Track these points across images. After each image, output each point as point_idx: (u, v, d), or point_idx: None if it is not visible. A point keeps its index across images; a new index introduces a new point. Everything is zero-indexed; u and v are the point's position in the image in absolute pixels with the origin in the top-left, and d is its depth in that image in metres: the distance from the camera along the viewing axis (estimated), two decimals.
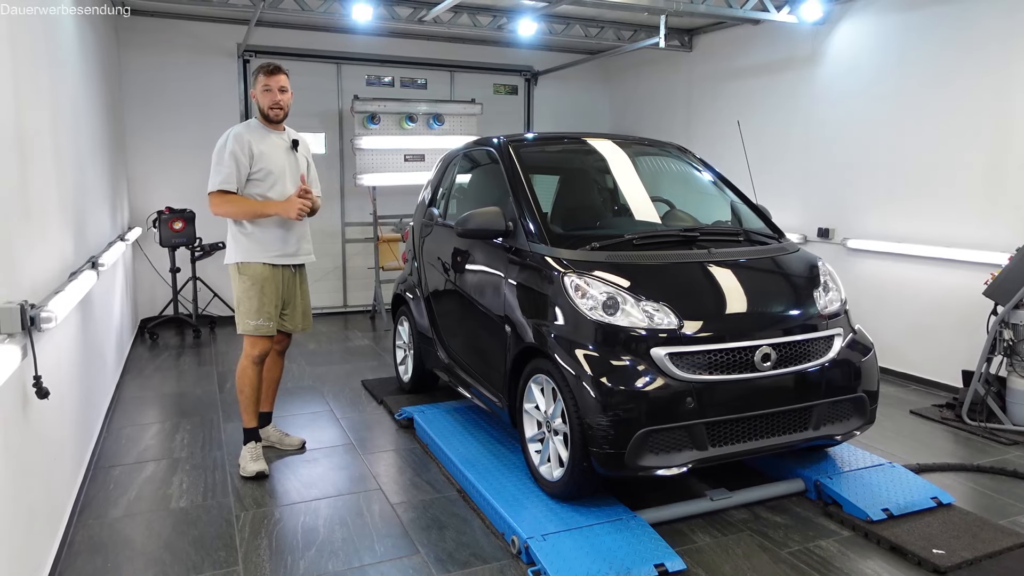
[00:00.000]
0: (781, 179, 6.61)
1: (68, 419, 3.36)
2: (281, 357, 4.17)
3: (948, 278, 5.22)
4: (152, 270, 7.30)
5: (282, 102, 3.79)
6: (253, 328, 3.79)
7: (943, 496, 3.40)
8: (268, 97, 3.75)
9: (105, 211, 5.32)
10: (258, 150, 3.74)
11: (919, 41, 5.37)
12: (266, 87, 3.75)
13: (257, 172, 3.74)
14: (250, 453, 3.85)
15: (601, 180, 4.36)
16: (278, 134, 3.87)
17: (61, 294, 2.91)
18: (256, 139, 3.74)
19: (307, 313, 4.10)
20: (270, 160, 3.77)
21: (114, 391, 5.10)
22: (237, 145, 3.68)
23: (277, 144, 3.83)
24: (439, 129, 7.69)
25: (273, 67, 3.77)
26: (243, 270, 3.79)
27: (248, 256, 3.78)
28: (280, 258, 3.83)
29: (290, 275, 3.94)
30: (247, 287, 3.78)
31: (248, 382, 3.87)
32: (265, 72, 3.76)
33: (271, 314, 3.82)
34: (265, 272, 3.79)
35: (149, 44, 7.13)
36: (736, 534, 3.20)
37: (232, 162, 3.67)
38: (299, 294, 4.02)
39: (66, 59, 4.00)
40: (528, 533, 2.94)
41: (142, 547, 3.08)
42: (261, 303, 3.78)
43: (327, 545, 3.09)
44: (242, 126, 3.81)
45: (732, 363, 3.08)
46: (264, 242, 3.78)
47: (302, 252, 3.96)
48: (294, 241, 3.87)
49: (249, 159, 3.71)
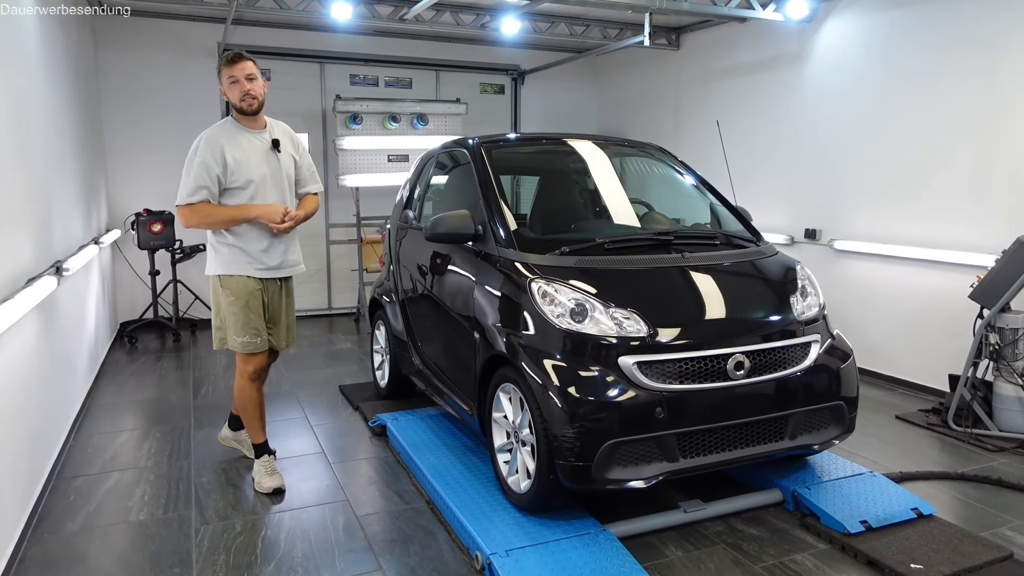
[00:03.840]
0: (768, 180, 6.52)
1: (21, 429, 3.26)
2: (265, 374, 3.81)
3: (935, 280, 5.13)
4: (132, 273, 7.20)
5: (253, 91, 3.41)
6: (241, 345, 3.51)
7: (924, 507, 3.31)
8: (236, 89, 3.39)
9: (76, 214, 5.23)
10: (232, 157, 3.37)
11: (905, 39, 5.27)
12: (232, 79, 3.39)
13: (234, 182, 3.39)
14: (264, 468, 3.68)
15: (577, 182, 4.26)
16: (257, 133, 3.50)
17: (6, 303, 2.81)
18: (230, 144, 3.39)
19: (291, 328, 3.79)
20: (248, 167, 3.41)
21: (85, 397, 4.99)
22: (209, 153, 3.34)
23: (256, 147, 3.47)
24: (423, 129, 7.59)
25: (234, 55, 3.41)
26: (225, 283, 3.48)
27: (230, 268, 3.46)
28: (265, 270, 3.52)
29: (276, 288, 3.63)
30: (231, 302, 3.48)
31: (248, 400, 3.65)
32: (227, 62, 3.39)
33: (259, 329, 3.53)
34: (250, 285, 3.49)
35: (128, 44, 7.03)
36: (709, 547, 3.10)
37: (202, 172, 3.32)
38: (284, 308, 3.71)
39: (26, 60, 3.89)
40: (491, 548, 2.85)
41: (96, 563, 2.98)
42: (247, 318, 3.49)
43: (286, 560, 2.99)
44: (215, 128, 3.46)
45: (703, 372, 2.98)
46: (247, 253, 3.46)
47: (288, 263, 3.62)
48: (279, 252, 3.55)
49: (223, 168, 3.36)
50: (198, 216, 3.37)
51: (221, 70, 3.44)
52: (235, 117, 3.51)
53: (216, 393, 5.27)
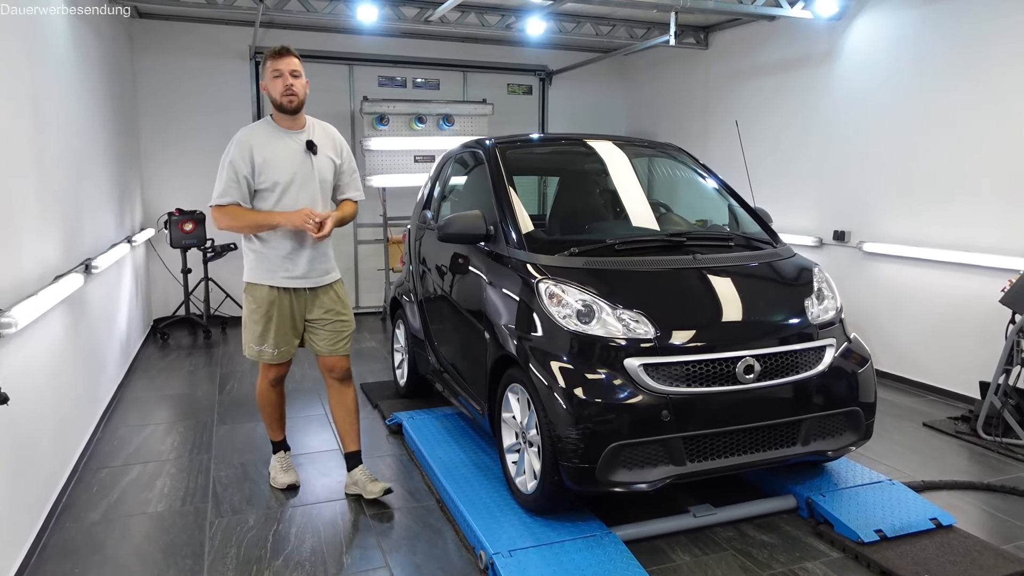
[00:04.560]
0: (797, 181, 6.40)
1: (47, 422, 3.37)
2: (344, 384, 3.59)
3: (967, 283, 4.98)
4: (165, 271, 7.38)
5: (295, 87, 3.25)
6: (256, 354, 3.46)
7: (944, 517, 3.21)
8: (279, 84, 3.24)
9: (109, 213, 5.38)
10: (261, 157, 3.24)
11: (938, 36, 5.13)
12: (276, 72, 3.24)
13: (263, 183, 3.27)
14: (280, 463, 3.72)
15: (594, 183, 4.24)
16: (292, 133, 3.34)
17: (30, 299, 2.91)
18: (261, 144, 3.27)
19: (340, 334, 3.50)
20: (276, 168, 3.26)
21: (115, 391, 5.14)
22: (238, 153, 3.24)
23: (290, 147, 3.31)
24: (449, 130, 7.63)
25: (281, 49, 3.27)
26: (248, 291, 3.42)
27: (254, 276, 3.39)
28: (288, 280, 3.36)
29: (309, 297, 3.44)
30: (251, 310, 3.41)
31: (267, 402, 3.65)
32: (273, 55, 3.26)
33: (278, 341, 3.41)
34: (272, 296, 3.36)
35: (163, 47, 7.21)
36: (718, 553, 3.06)
37: (231, 173, 3.23)
38: (327, 314, 3.47)
39: (55, 62, 4.02)
40: (495, 548, 2.85)
41: (112, 552, 3.07)
42: (265, 329, 3.39)
43: (295, 555, 3.04)
44: (249, 128, 3.36)
45: (712, 375, 2.94)
46: (270, 261, 3.35)
47: (314, 273, 3.40)
48: (304, 261, 3.35)
49: (251, 169, 3.24)
50: (227, 218, 3.29)
51: (266, 63, 3.30)
52: (274, 116, 3.37)
53: (241, 390, 5.37)
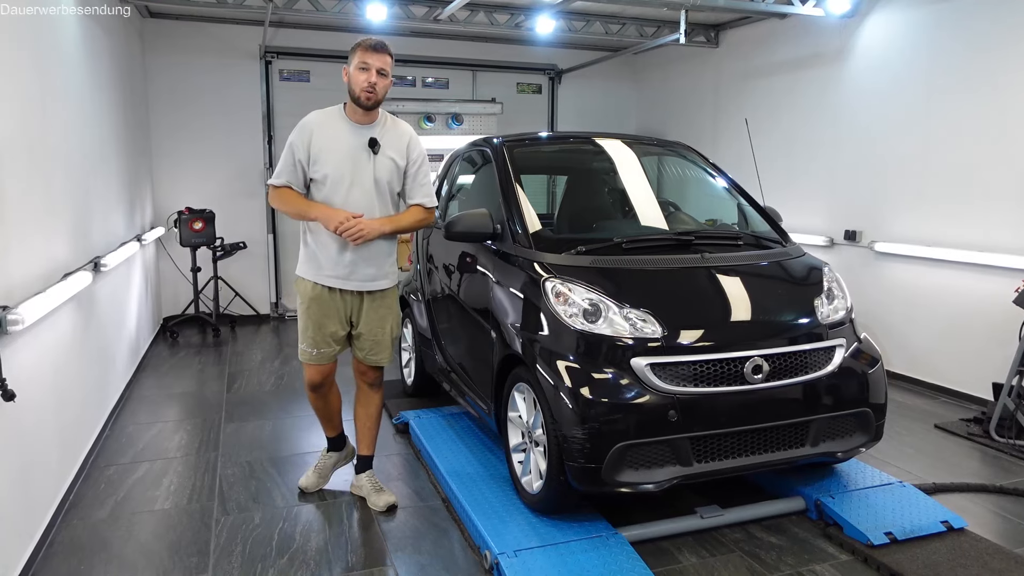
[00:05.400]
0: (808, 180, 6.35)
1: (54, 419, 3.38)
2: (373, 390, 3.54)
3: (980, 284, 4.92)
4: (175, 269, 7.41)
5: (379, 86, 3.08)
6: (300, 352, 3.38)
7: (955, 520, 3.17)
8: (363, 77, 3.06)
9: (119, 211, 5.40)
10: (319, 146, 3.10)
11: (952, 35, 5.07)
12: (363, 65, 3.06)
13: (315, 172, 3.13)
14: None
15: (602, 181, 4.22)
16: (359, 128, 3.16)
17: (37, 296, 2.92)
18: (322, 131, 3.13)
19: (380, 343, 3.41)
20: (330, 160, 3.12)
21: (124, 389, 5.16)
22: (298, 136, 3.13)
23: (347, 141, 3.13)
24: (458, 129, 7.62)
25: (377, 43, 3.10)
26: (296, 285, 3.36)
27: (301, 270, 3.32)
28: (330, 279, 3.24)
29: (354, 300, 3.32)
30: (298, 304, 3.34)
31: (313, 404, 3.60)
32: (365, 47, 3.08)
33: (318, 341, 3.31)
34: (314, 292, 3.27)
35: (173, 46, 7.23)
36: (725, 555, 3.03)
37: (289, 155, 3.14)
38: (369, 322, 3.35)
39: (65, 61, 4.04)
40: (500, 548, 2.84)
41: (118, 550, 3.07)
42: (306, 326, 3.30)
43: (300, 554, 3.04)
44: (318, 112, 3.22)
45: (720, 375, 2.92)
46: (316, 257, 3.25)
47: (358, 277, 3.24)
48: (347, 262, 3.20)
49: (307, 155, 3.11)
50: (277, 200, 3.21)
51: (355, 52, 3.11)
52: (346, 106, 3.21)
53: (249, 388, 5.38)
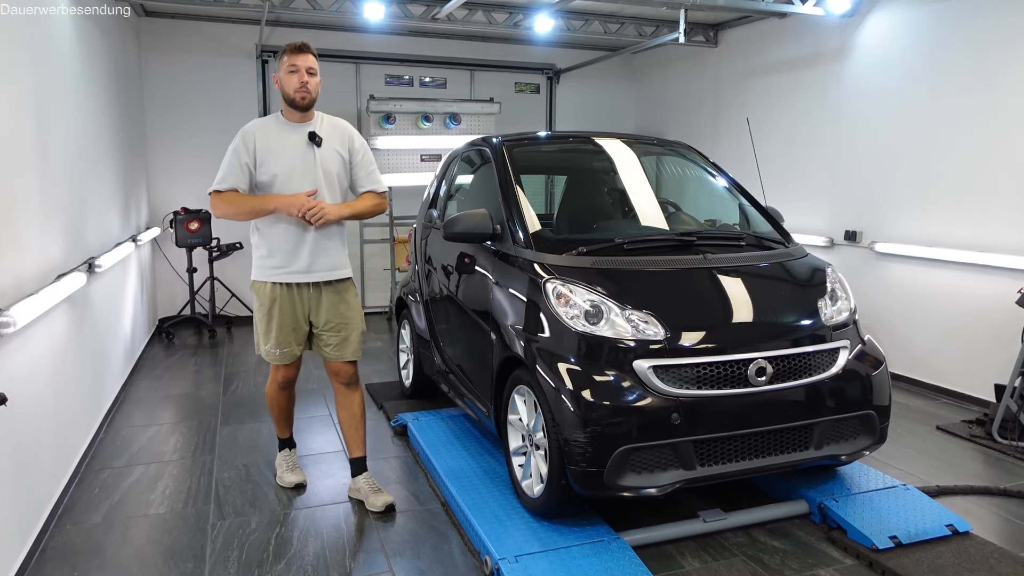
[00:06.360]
0: (808, 180, 6.32)
1: (47, 422, 3.33)
2: (350, 389, 3.53)
3: (983, 285, 4.89)
4: (171, 270, 7.36)
5: (310, 85, 3.19)
6: (264, 354, 3.42)
7: (960, 523, 3.14)
8: (294, 79, 3.17)
9: (114, 212, 5.35)
10: (263, 147, 3.20)
11: (954, 33, 5.04)
12: (292, 67, 3.17)
13: (262, 174, 3.22)
14: (286, 462, 3.73)
15: (602, 181, 4.18)
16: (298, 127, 3.27)
17: (30, 298, 2.87)
18: (263, 135, 3.23)
19: (348, 340, 3.43)
20: (276, 160, 3.21)
21: (119, 391, 5.11)
22: (240, 141, 3.22)
23: (289, 140, 3.25)
24: (456, 129, 7.58)
25: (301, 45, 3.21)
26: (254, 288, 3.37)
27: (257, 273, 3.33)
28: (290, 275, 3.27)
29: (313, 296, 3.35)
30: (257, 308, 3.38)
31: (274, 403, 3.67)
32: (291, 50, 3.19)
33: (282, 341, 3.34)
34: (274, 293, 3.29)
35: (169, 46, 7.18)
36: (728, 559, 2.99)
37: (233, 160, 3.20)
38: (329, 317, 3.38)
39: (60, 61, 3.99)
40: (501, 553, 2.80)
41: (112, 556, 3.02)
42: (268, 327, 3.33)
43: (297, 559, 2.99)
44: (256, 121, 3.33)
45: (723, 377, 2.88)
46: (271, 256, 3.28)
47: (318, 268, 3.29)
48: (305, 255, 3.25)
49: (252, 158, 3.20)
50: (224, 204, 3.22)
51: (283, 57, 3.22)
52: (283, 111, 3.31)
53: (245, 389, 5.34)
